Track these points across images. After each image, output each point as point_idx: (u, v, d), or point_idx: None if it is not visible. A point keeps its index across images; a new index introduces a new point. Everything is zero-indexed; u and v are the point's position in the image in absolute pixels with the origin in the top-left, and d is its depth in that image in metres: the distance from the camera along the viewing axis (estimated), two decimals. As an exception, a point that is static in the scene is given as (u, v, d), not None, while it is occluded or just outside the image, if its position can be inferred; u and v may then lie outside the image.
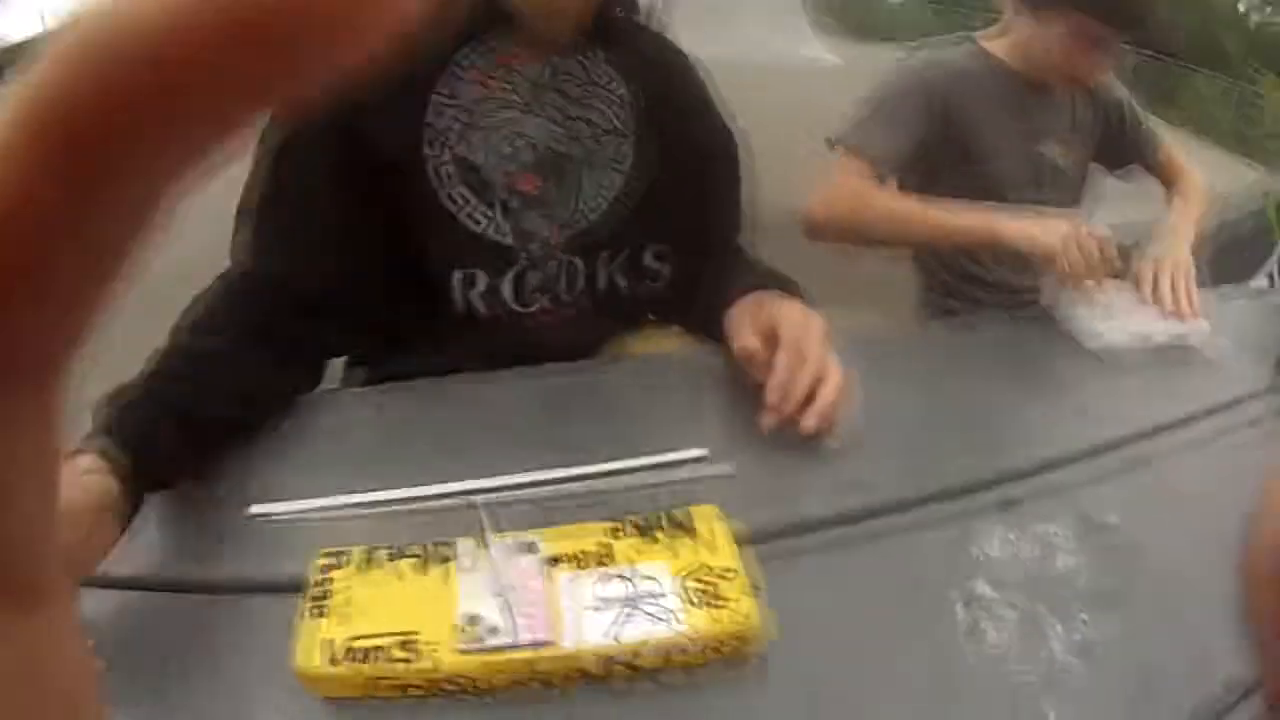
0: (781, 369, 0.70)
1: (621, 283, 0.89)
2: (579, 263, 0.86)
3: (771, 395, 0.70)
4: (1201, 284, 1.14)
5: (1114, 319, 0.93)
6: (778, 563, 0.57)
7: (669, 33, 0.93)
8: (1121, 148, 1.36)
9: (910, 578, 0.60)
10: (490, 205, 0.81)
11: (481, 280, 0.82)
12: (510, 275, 0.83)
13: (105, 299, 0.14)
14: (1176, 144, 1.39)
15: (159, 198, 0.13)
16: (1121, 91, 1.33)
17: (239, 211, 0.77)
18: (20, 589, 0.16)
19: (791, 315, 0.75)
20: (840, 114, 1.20)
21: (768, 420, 0.70)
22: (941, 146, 1.20)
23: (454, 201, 0.80)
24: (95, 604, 0.57)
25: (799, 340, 0.71)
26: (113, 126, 0.11)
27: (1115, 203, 1.42)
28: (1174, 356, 0.95)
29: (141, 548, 0.62)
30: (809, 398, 0.70)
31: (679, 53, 0.96)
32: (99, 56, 0.11)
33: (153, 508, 0.66)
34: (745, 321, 0.77)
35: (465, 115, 0.79)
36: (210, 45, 0.10)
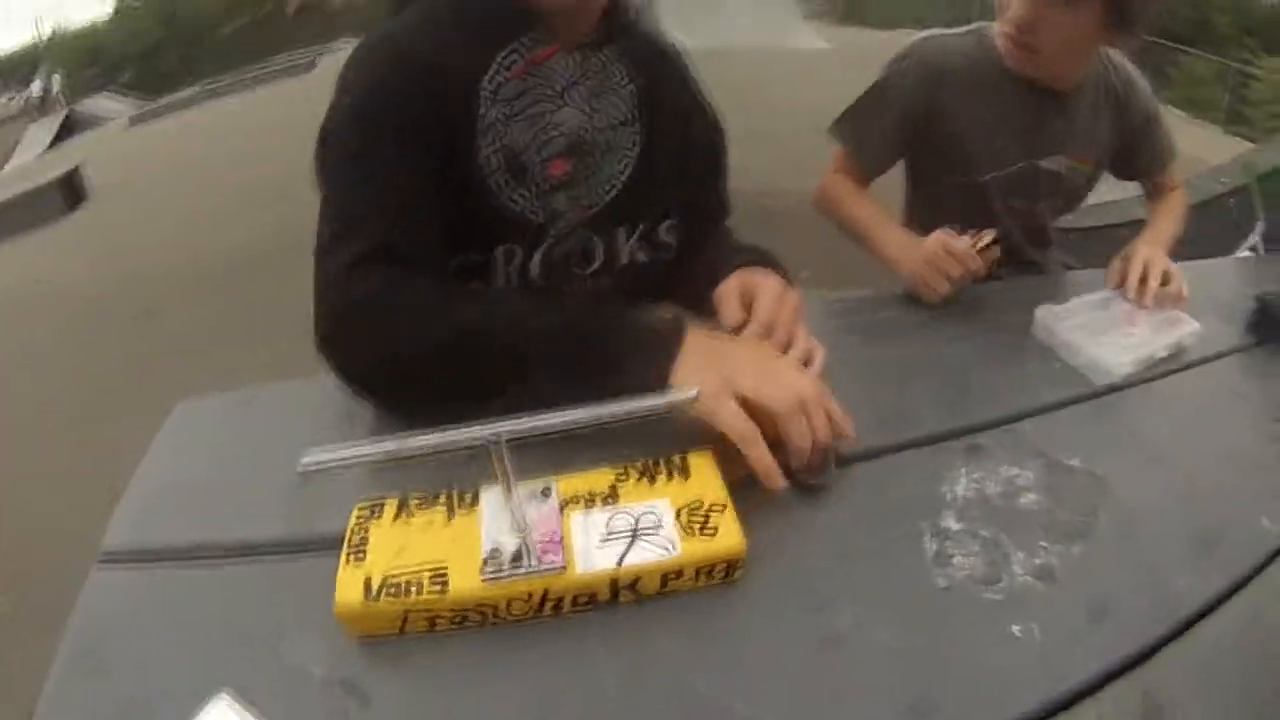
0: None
1: (641, 257, 0.99)
2: (597, 240, 0.96)
3: None
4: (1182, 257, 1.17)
5: (1109, 339, 0.91)
6: (764, 501, 0.64)
7: (660, 25, 1.02)
8: (1134, 164, 1.32)
9: (881, 514, 0.67)
10: (526, 187, 0.90)
11: (519, 255, 0.91)
12: (541, 250, 0.92)
13: None
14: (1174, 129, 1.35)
15: None
16: (1153, 105, 1.27)
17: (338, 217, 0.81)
18: None
19: (768, 290, 0.83)
20: (833, 97, 1.25)
21: None
22: (930, 145, 1.22)
23: (498, 185, 0.89)
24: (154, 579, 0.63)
25: (770, 314, 0.80)
26: None
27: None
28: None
29: (196, 518, 0.68)
30: None
31: (672, 46, 1.05)
32: None
33: (206, 479, 0.73)
34: (733, 297, 0.85)
35: (508, 108, 0.88)
36: None
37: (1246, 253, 2.35)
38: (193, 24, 26.15)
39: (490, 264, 0.90)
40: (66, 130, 16.04)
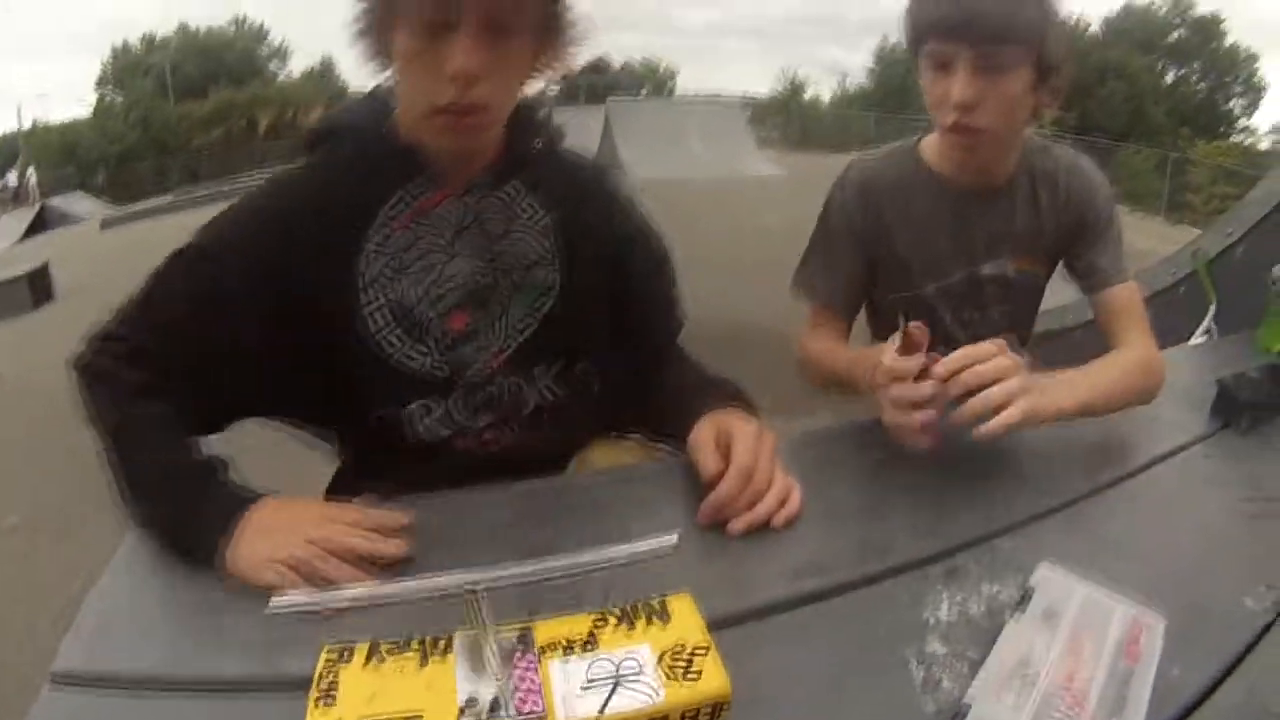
0: (723, 489, 0.78)
1: (560, 392, 0.95)
2: (513, 381, 0.92)
3: (705, 509, 0.78)
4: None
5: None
6: (746, 640, 0.64)
7: (618, 154, 1.03)
8: (1076, 268, 1.19)
9: (866, 645, 0.65)
10: (425, 343, 0.87)
11: (429, 410, 0.88)
12: (450, 401, 0.89)
13: None
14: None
15: None
16: (1101, 210, 1.16)
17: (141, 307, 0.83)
18: None
19: (744, 435, 0.82)
20: (789, 221, 1.24)
21: (700, 522, 0.78)
22: (877, 264, 1.21)
23: (390, 344, 0.86)
24: (109, 706, 0.60)
25: (749, 459, 0.79)
26: None
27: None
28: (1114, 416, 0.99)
29: (156, 646, 0.66)
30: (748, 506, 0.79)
31: (596, 170, 1.03)
32: None
33: (169, 606, 0.71)
34: (709, 447, 0.83)
35: (395, 261, 0.85)
36: None
37: (1201, 338, 2.41)
38: (168, 133, 26.78)
39: (407, 418, 0.88)
40: (40, 224, 16.09)
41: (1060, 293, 1.32)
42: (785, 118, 30.21)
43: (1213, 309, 2.51)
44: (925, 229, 1.18)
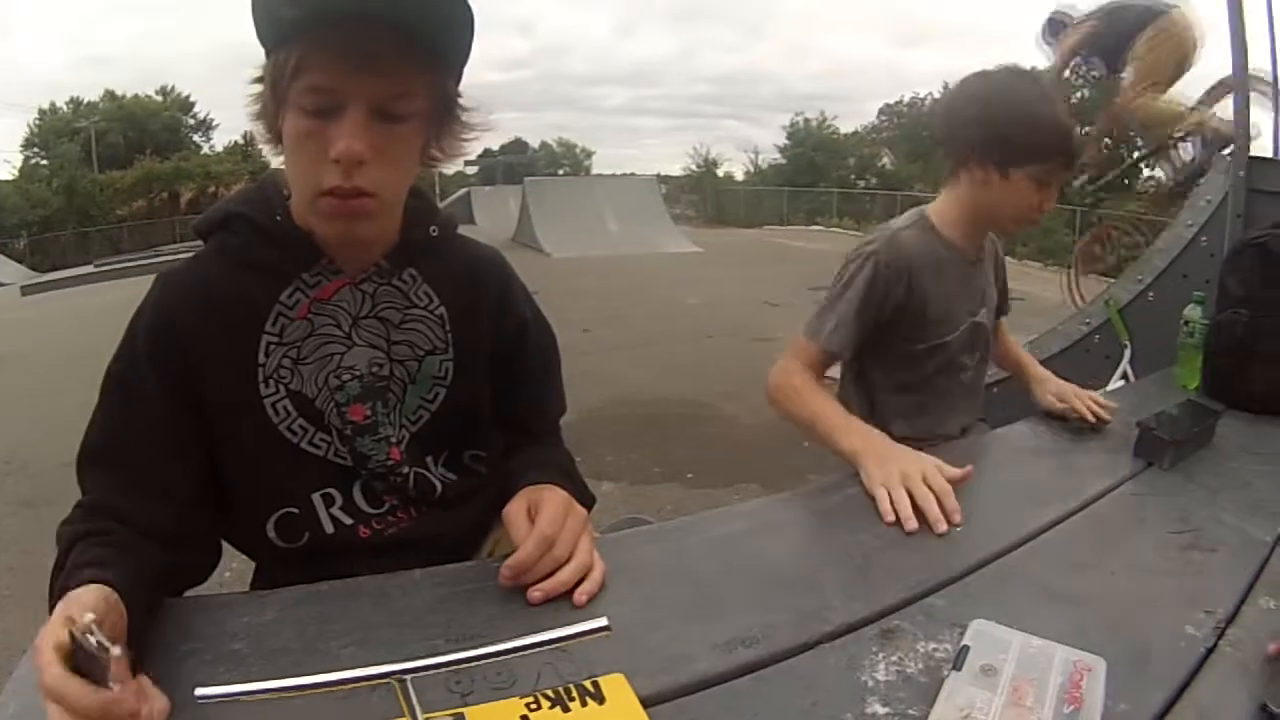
0: (523, 553, 0.78)
1: (452, 477, 0.96)
2: (410, 470, 0.92)
3: (505, 571, 0.77)
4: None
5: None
6: (683, 716, 0.63)
7: (534, 233, 1.02)
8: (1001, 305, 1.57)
9: (804, 711, 0.64)
10: (327, 431, 0.87)
11: (338, 498, 0.88)
12: (357, 488, 0.89)
13: None
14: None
15: None
16: (1002, 255, 1.55)
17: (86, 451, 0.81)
18: None
19: (551, 505, 0.83)
20: (707, 298, 1.24)
21: (502, 584, 0.78)
22: (896, 321, 1.32)
23: (293, 433, 0.85)
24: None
25: (548, 531, 0.79)
26: None
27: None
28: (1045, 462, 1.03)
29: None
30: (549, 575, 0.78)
31: (490, 257, 1.01)
32: None
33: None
34: (520, 516, 0.83)
35: (294, 352, 0.84)
36: None
37: (1119, 382, 2.52)
38: (90, 202, 26.10)
39: (311, 513, 0.87)
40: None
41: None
42: (700, 195, 30.96)
43: (1128, 353, 2.62)
44: (947, 289, 1.37)
